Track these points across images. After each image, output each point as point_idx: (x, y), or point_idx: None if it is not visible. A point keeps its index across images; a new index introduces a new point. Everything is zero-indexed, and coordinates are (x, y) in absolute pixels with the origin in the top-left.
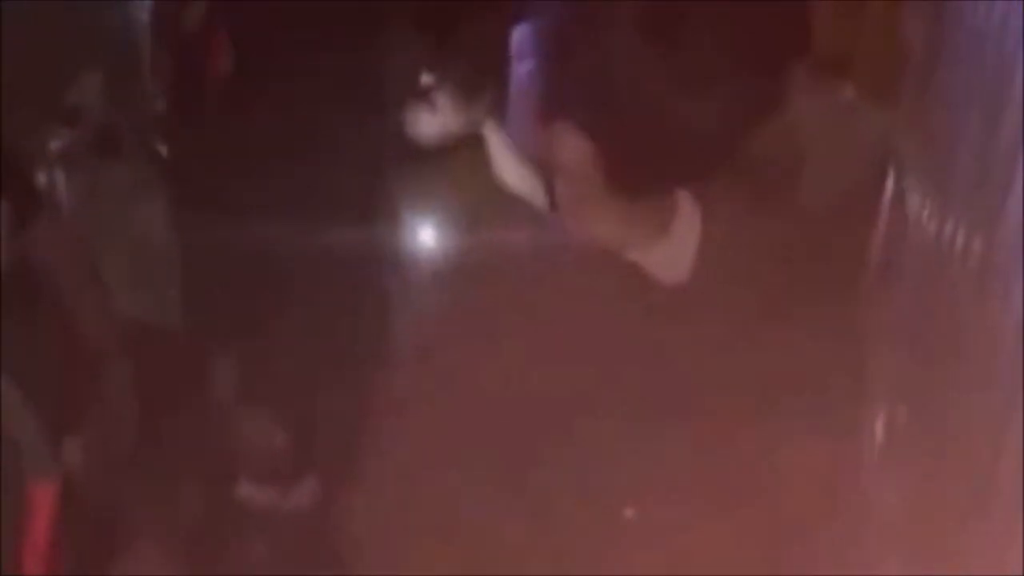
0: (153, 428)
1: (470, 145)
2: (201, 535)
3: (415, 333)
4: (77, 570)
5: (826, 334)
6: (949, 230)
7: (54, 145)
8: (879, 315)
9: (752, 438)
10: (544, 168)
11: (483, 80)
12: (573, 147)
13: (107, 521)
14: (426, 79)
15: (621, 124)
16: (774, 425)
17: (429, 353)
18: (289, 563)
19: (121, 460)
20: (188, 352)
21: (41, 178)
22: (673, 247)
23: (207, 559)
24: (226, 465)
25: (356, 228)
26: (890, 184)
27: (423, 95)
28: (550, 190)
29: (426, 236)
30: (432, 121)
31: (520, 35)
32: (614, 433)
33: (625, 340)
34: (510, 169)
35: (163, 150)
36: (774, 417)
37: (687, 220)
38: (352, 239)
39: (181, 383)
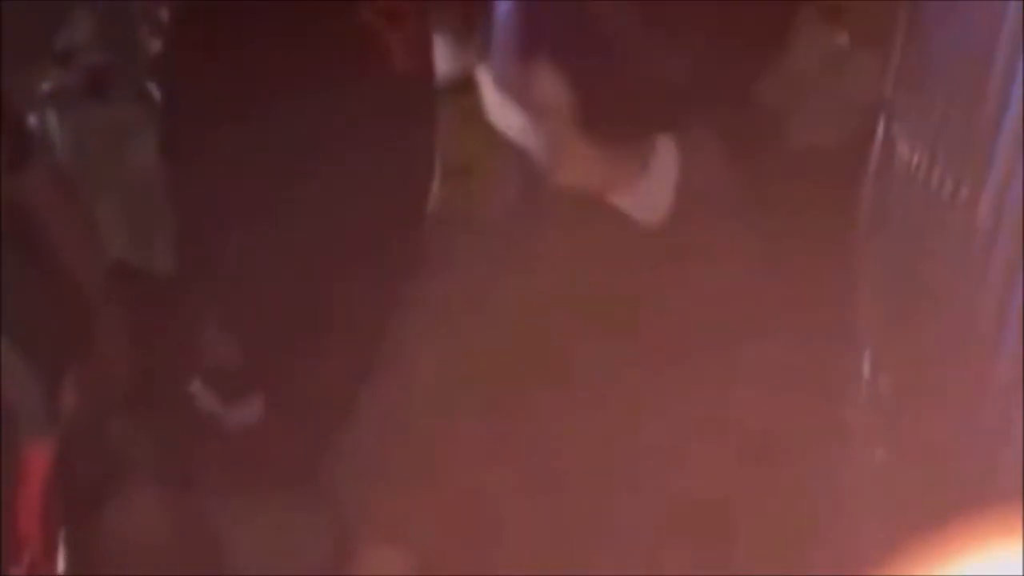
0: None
1: (463, 89)
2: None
3: (401, 277)
4: (67, 518)
5: (811, 276)
6: (937, 176)
7: (46, 86)
8: (865, 258)
9: (734, 377)
10: (523, 108)
11: (473, 24)
12: (549, 88)
13: (96, 467)
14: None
15: (598, 67)
16: (757, 365)
17: (413, 295)
18: (232, 477)
19: (111, 406)
20: (176, 296)
21: (32, 120)
22: (651, 188)
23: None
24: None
25: (348, 173)
26: (880, 130)
27: None
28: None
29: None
30: None
31: None
32: (598, 370)
33: (607, 281)
34: (502, 112)
35: (155, 92)
36: (757, 357)
37: (664, 161)
38: (344, 184)
39: (169, 326)
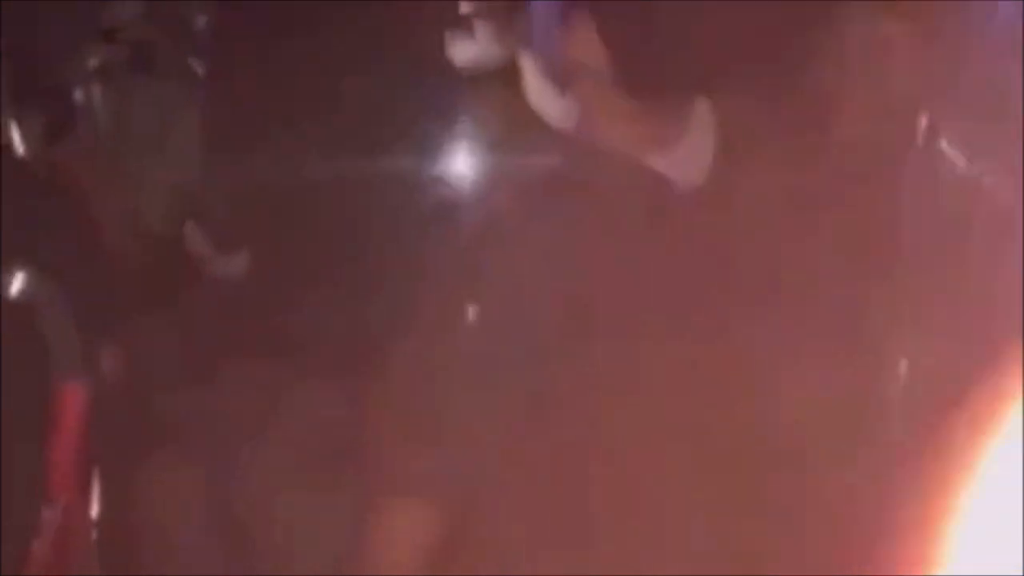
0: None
1: (506, 72)
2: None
3: (443, 248)
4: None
5: (847, 270)
6: (980, 174)
7: (92, 62)
8: (904, 252)
9: (766, 351)
10: (563, 70)
11: (516, 10)
12: (589, 48)
13: (133, 427)
14: (465, 7)
15: (634, 27)
16: (787, 338)
17: (458, 263)
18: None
19: (153, 371)
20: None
21: (77, 94)
22: (689, 151)
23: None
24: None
25: (391, 153)
26: (923, 123)
27: (462, 23)
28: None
29: (461, 163)
30: (470, 49)
31: None
32: (630, 335)
33: (644, 243)
34: (544, 95)
35: (200, 69)
36: (787, 331)
37: (702, 125)
38: (387, 165)
39: (210, 303)
